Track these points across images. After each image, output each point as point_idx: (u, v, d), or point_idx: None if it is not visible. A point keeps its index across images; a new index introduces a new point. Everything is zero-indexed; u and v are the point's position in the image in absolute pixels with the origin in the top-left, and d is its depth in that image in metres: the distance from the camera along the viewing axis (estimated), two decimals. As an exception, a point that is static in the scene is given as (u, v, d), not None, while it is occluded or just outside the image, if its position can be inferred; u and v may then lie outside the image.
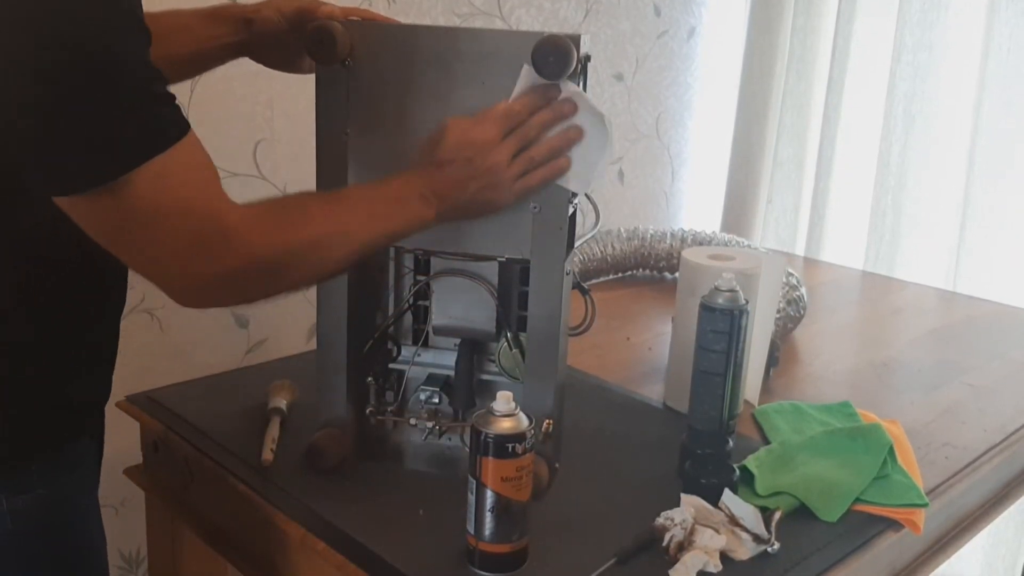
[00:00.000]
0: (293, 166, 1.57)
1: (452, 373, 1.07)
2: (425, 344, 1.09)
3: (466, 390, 1.06)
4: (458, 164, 0.90)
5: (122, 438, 1.11)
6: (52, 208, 0.73)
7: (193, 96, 1.44)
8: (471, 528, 0.89)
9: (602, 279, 1.83)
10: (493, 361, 1.07)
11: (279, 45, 1.03)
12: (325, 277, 0.89)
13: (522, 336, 1.03)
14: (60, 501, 0.88)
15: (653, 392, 1.33)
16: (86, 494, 0.93)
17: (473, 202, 0.92)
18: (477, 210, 0.93)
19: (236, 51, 1.05)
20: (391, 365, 1.09)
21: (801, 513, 1.02)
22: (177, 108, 0.74)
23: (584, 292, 1.07)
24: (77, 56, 0.67)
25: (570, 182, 0.95)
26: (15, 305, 0.81)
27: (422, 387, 1.07)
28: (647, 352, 1.51)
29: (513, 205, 0.94)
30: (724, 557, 0.92)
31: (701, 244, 1.78)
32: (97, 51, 0.68)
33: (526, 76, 0.92)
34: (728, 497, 0.98)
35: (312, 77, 0.98)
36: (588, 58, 0.97)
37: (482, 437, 0.86)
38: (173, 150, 0.72)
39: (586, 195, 1.03)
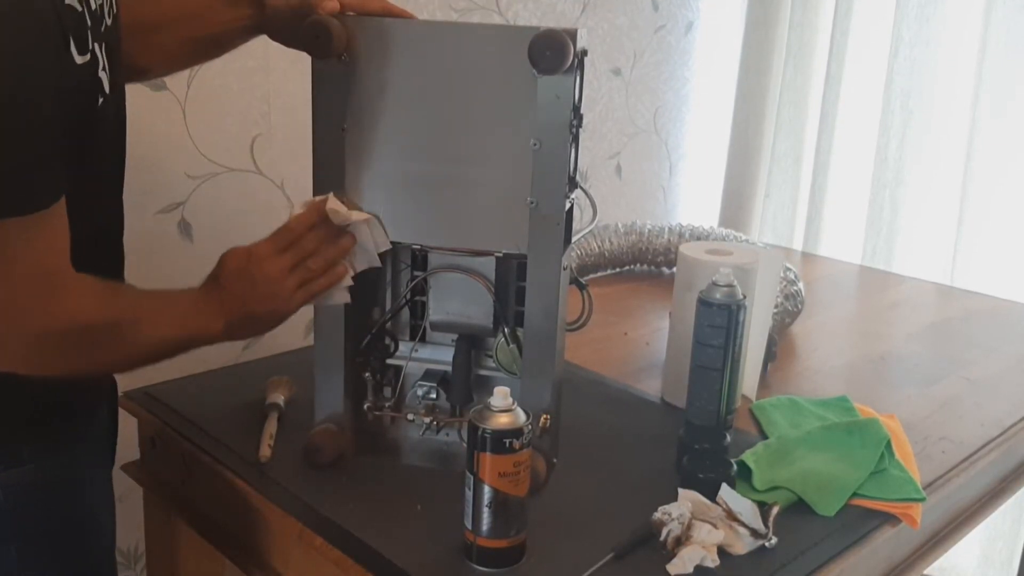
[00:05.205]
0: (290, 161, 1.57)
1: (449, 368, 1.07)
2: (422, 339, 1.09)
3: (463, 385, 1.06)
4: (239, 282, 0.93)
5: (119, 434, 1.11)
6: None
7: (190, 91, 1.43)
8: (469, 523, 0.89)
9: (599, 274, 1.83)
10: (490, 356, 1.07)
11: (292, 28, 1.04)
12: (122, 365, 0.92)
13: (519, 331, 1.03)
14: (58, 478, 0.88)
15: (651, 387, 1.33)
16: (89, 471, 0.93)
17: (257, 314, 0.95)
18: (265, 321, 0.97)
19: (254, 31, 1.08)
20: (388, 361, 1.09)
21: (798, 508, 1.02)
22: (57, 170, 0.75)
23: (581, 287, 1.07)
24: None
25: (340, 295, 1.01)
26: None
27: (419, 382, 1.07)
28: (644, 347, 1.51)
29: (295, 311, 0.98)
30: (721, 552, 0.92)
31: (699, 239, 1.78)
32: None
33: (306, 204, 0.97)
34: (725, 492, 0.98)
35: (308, 72, 0.98)
36: (585, 52, 0.97)
37: (479, 432, 0.86)
38: (43, 214, 0.74)
39: (583, 190, 1.03)
